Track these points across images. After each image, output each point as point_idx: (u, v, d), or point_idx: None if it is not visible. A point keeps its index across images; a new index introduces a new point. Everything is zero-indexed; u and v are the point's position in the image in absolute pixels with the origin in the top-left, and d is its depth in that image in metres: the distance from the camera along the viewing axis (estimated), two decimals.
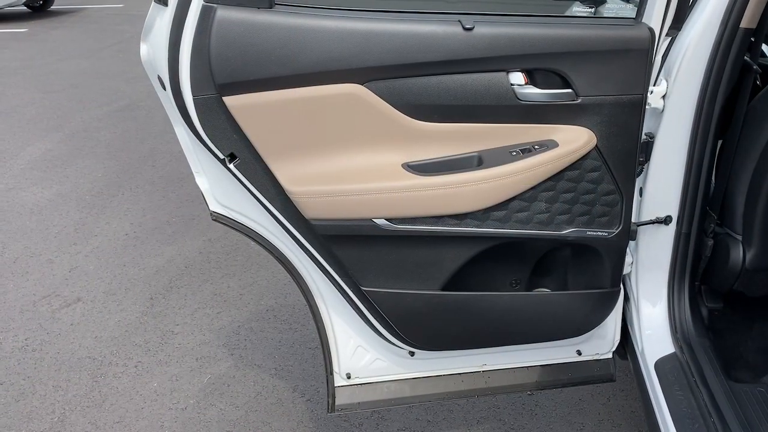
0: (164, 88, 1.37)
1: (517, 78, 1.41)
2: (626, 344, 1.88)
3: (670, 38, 1.59)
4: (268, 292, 3.05)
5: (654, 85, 1.58)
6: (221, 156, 1.39)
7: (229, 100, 1.31)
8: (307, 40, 1.29)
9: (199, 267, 3.29)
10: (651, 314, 1.78)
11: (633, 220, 1.66)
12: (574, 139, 1.45)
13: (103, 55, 8.39)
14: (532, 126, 1.45)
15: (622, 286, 1.74)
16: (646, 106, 1.48)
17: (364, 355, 1.72)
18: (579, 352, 1.83)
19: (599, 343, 1.83)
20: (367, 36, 1.31)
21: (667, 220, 1.71)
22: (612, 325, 1.82)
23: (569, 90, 1.42)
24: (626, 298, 1.83)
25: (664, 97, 1.60)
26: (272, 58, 1.29)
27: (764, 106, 1.57)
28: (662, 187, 1.68)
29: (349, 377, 1.72)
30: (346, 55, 1.31)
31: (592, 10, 1.52)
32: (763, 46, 2.75)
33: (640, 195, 1.71)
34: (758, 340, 1.81)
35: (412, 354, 1.73)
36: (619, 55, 1.41)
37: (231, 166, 1.39)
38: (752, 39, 1.60)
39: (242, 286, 3.11)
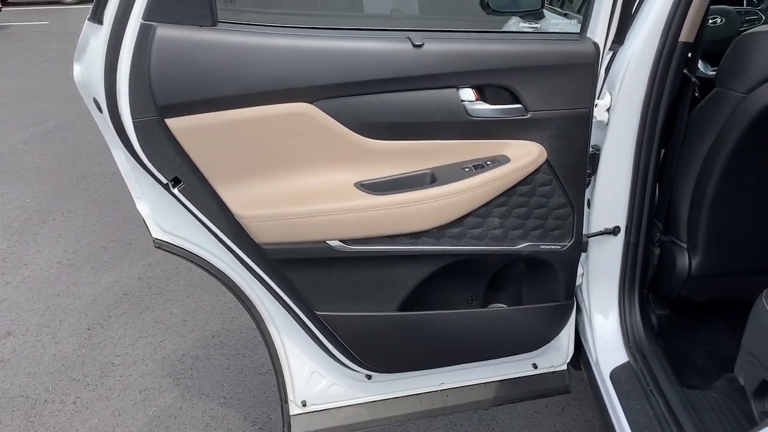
0: (101, 111, 1.29)
1: (468, 94, 1.40)
2: (579, 355, 1.89)
3: (612, 52, 1.62)
4: (213, 317, 2.95)
5: (598, 99, 1.60)
6: (164, 181, 1.32)
7: (172, 122, 1.24)
8: (252, 58, 1.24)
9: (138, 294, 3.16)
10: (603, 324, 1.80)
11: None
12: (525, 154, 1.45)
13: (29, 74, 8.05)
14: (484, 142, 1.44)
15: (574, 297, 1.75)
16: (592, 119, 1.50)
17: (319, 380, 1.67)
18: (535, 366, 1.83)
19: (554, 355, 1.84)
20: (315, 54, 1.27)
21: (615, 231, 1.73)
22: (566, 337, 1.83)
23: (519, 105, 1.42)
24: (578, 309, 1.85)
25: (608, 110, 1.62)
26: (217, 78, 1.23)
27: (703, 117, 1.62)
28: (610, 198, 1.70)
29: (304, 405, 1.67)
30: (294, 73, 1.27)
31: (538, 26, 1.53)
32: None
33: (589, 206, 1.72)
34: (706, 345, 1.85)
35: (369, 377, 1.68)
36: (566, 70, 1.42)
37: (175, 191, 1.33)
38: (689, 53, 1.64)
39: (185, 312, 3.00)
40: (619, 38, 1.48)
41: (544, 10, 2.35)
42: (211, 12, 1.21)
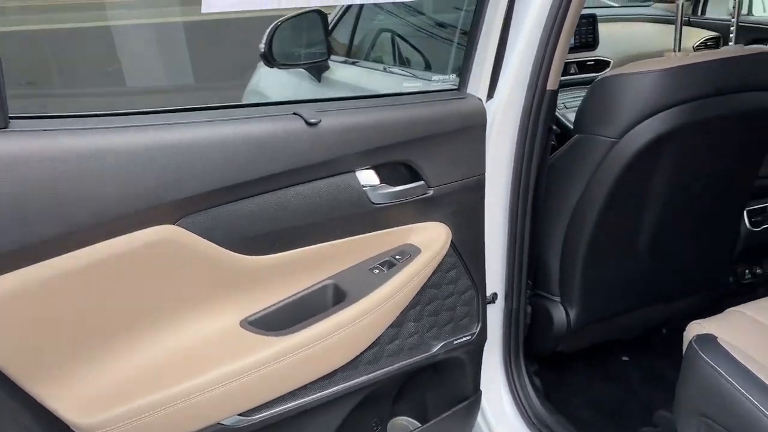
0: None
1: (369, 177, 1.09)
2: None
3: None
4: None
5: None
6: None
7: None
8: (76, 172, 0.76)
9: None
10: (496, 403, 1.60)
11: None
12: (433, 239, 1.19)
13: None
14: (389, 231, 1.15)
15: None
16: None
17: None
18: None
19: None
20: (174, 151, 0.84)
21: (493, 298, 1.55)
22: None
23: (421, 182, 1.16)
24: None
25: None
26: (20, 213, 0.72)
27: (568, 165, 1.53)
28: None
29: None
30: (145, 186, 0.82)
31: (420, 84, 1.27)
32: None
33: None
34: (585, 396, 1.78)
35: None
36: (461, 134, 1.21)
37: None
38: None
39: None
40: (491, 92, 1.32)
41: (330, 62, 2.12)
42: (1, 105, 0.70)
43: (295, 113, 0.96)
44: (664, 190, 1.50)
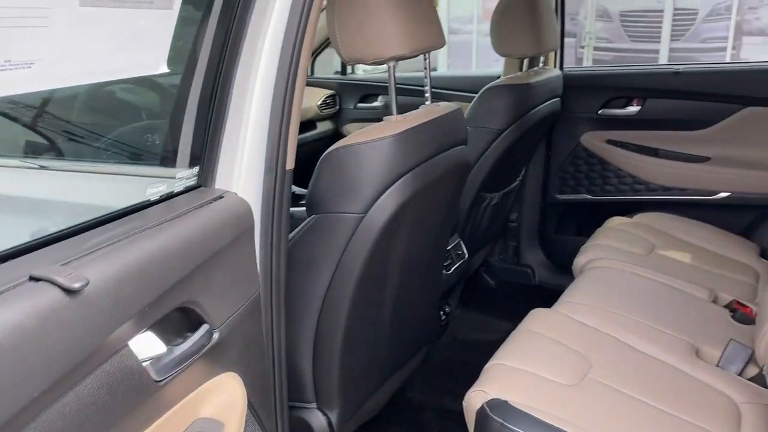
0: None
1: (150, 345, 0.69)
2: None
3: None
4: None
5: None
6: None
7: None
8: None
9: None
10: None
11: None
12: (230, 401, 0.87)
13: None
14: (176, 410, 0.77)
15: None
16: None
17: None
18: None
19: None
20: None
21: None
22: None
23: (204, 326, 0.81)
24: None
25: None
26: None
27: (306, 251, 1.30)
28: None
29: None
30: None
31: (164, 188, 0.87)
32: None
33: None
34: None
35: None
36: (233, 247, 0.90)
37: None
38: None
39: None
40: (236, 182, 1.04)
41: None
42: None
43: (35, 278, 0.52)
44: (402, 256, 1.41)
